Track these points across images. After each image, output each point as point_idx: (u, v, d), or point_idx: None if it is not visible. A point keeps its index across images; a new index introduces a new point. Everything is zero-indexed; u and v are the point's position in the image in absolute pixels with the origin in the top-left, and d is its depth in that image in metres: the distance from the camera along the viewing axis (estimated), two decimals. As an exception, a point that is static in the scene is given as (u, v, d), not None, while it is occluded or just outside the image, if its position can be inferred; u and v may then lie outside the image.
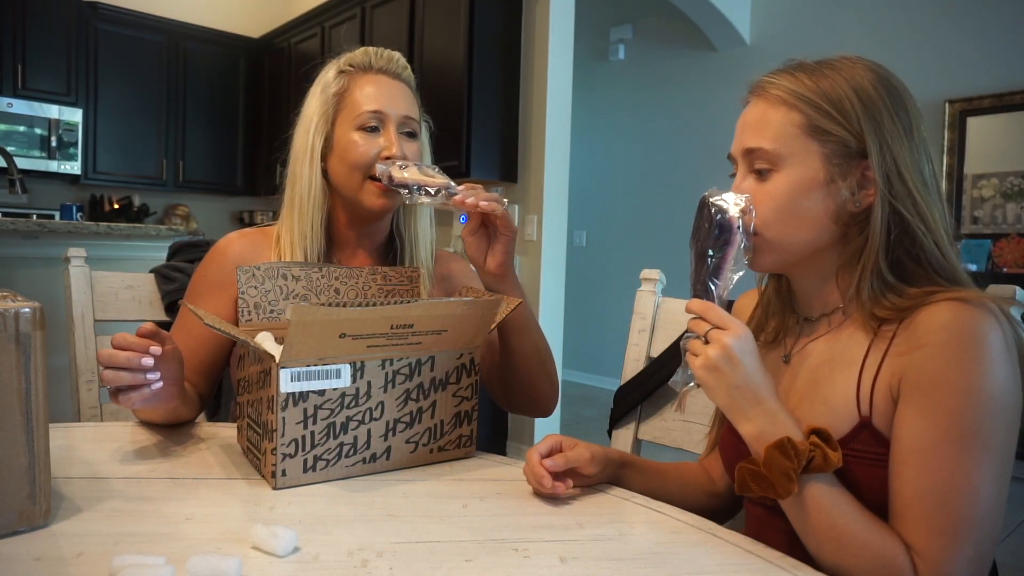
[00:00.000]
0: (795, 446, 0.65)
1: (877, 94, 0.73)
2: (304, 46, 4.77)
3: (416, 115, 1.12)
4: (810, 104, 0.73)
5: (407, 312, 0.79)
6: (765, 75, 0.79)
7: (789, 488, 0.65)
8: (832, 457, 0.65)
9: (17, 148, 4.29)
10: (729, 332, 0.69)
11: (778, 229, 0.75)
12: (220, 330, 0.81)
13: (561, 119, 3.37)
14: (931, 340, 0.66)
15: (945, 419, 0.64)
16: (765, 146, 0.75)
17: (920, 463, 0.65)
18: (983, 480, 0.63)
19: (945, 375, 0.64)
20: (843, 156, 0.73)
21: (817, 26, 4.25)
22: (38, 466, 0.64)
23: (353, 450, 0.82)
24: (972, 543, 0.63)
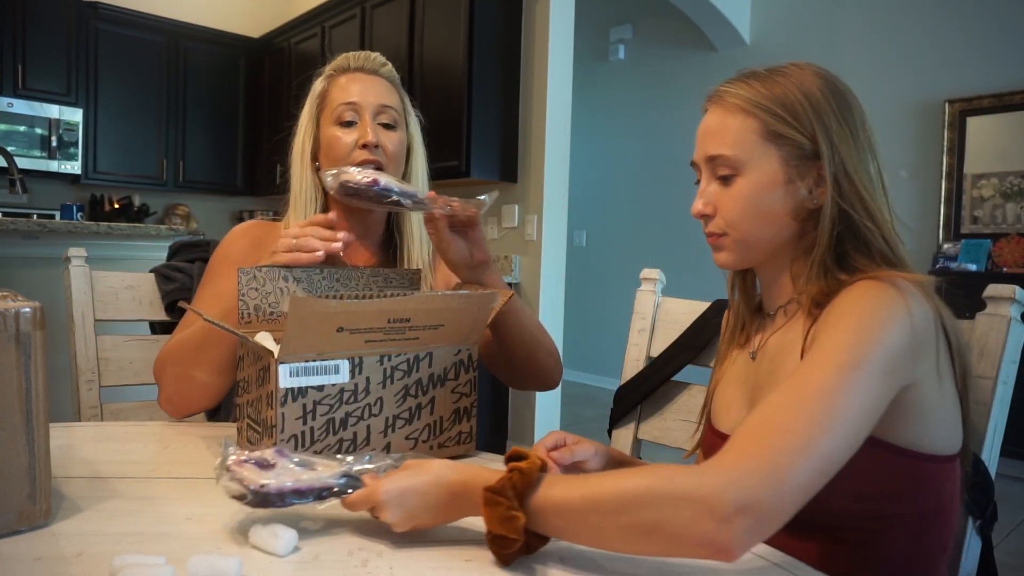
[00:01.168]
0: (494, 488, 0.62)
1: (824, 98, 0.77)
2: (304, 46, 4.77)
3: (394, 104, 1.14)
4: (765, 110, 0.77)
5: (404, 305, 0.79)
6: (721, 84, 0.82)
7: (516, 526, 0.60)
8: (526, 467, 0.62)
9: (17, 148, 4.29)
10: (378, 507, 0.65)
11: (744, 228, 0.80)
12: (220, 326, 0.81)
13: (561, 119, 3.37)
14: (836, 309, 0.70)
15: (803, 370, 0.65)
16: (726, 152, 0.79)
17: (765, 401, 0.64)
18: (802, 426, 0.60)
19: (830, 334, 0.67)
20: (799, 158, 0.77)
21: (817, 26, 4.25)
22: (38, 466, 0.64)
23: (353, 446, 0.82)
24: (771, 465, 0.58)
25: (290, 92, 4.91)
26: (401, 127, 1.15)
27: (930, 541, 0.76)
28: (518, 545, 0.61)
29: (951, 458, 0.74)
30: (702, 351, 1.13)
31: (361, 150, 1.09)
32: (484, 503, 0.62)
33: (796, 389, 0.64)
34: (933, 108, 3.81)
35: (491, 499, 0.61)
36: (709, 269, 3.93)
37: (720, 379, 0.92)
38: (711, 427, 0.90)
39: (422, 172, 1.21)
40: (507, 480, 0.62)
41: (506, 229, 3.55)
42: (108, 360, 1.28)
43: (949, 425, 0.74)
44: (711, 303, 1.16)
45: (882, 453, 0.71)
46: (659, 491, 0.58)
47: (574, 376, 5.44)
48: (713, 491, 0.56)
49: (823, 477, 0.60)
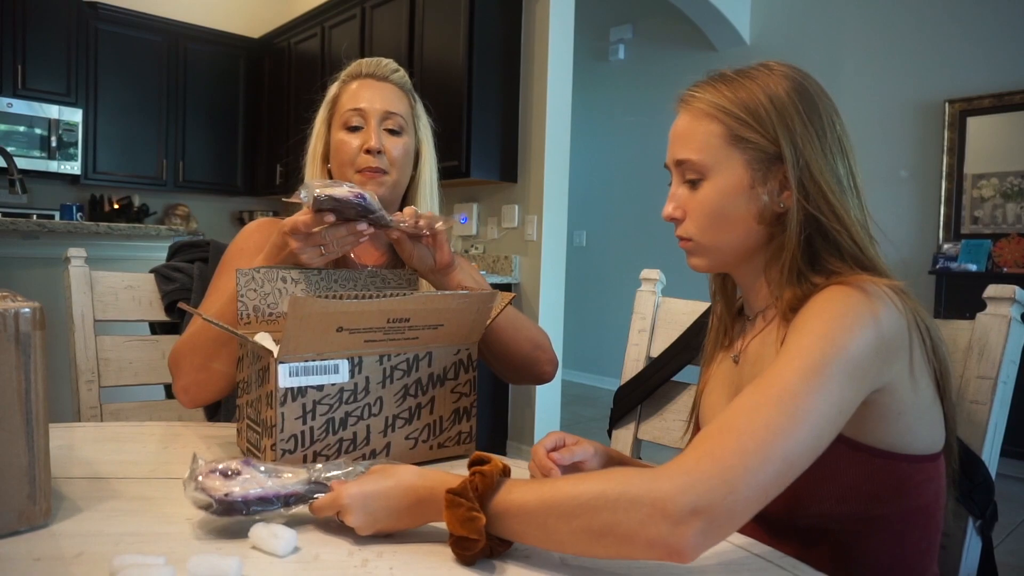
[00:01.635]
0: (455, 490, 0.62)
1: (790, 100, 0.77)
2: (304, 46, 4.77)
3: (401, 111, 1.16)
4: (729, 115, 0.77)
5: (403, 305, 0.79)
6: (689, 87, 0.83)
7: (476, 527, 0.60)
8: (488, 470, 0.63)
9: (17, 148, 4.28)
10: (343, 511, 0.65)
11: (710, 234, 0.80)
12: (220, 326, 0.81)
13: (561, 119, 3.37)
14: (801, 320, 0.70)
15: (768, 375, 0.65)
16: (692, 157, 0.79)
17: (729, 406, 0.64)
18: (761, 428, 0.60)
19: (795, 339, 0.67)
20: (763, 162, 0.77)
21: (817, 26, 4.25)
22: (38, 466, 0.64)
23: (353, 446, 0.82)
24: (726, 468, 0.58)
25: (290, 92, 4.92)
26: (408, 133, 1.16)
27: (915, 540, 0.75)
28: (480, 546, 0.61)
29: (932, 457, 0.74)
30: (702, 351, 1.13)
31: (365, 155, 1.11)
32: (446, 505, 0.62)
33: (757, 393, 0.64)
34: (933, 108, 3.81)
35: (452, 501, 0.62)
36: (709, 269, 3.78)
37: (707, 381, 0.92)
38: (699, 429, 0.90)
39: (430, 178, 1.21)
40: (468, 483, 0.62)
41: (506, 229, 3.55)
42: (108, 360, 1.28)
43: (928, 425, 0.74)
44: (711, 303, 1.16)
45: (861, 455, 0.71)
46: (613, 494, 0.58)
47: (574, 376, 5.44)
48: (666, 494, 0.57)
49: (781, 479, 0.60)
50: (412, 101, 1.20)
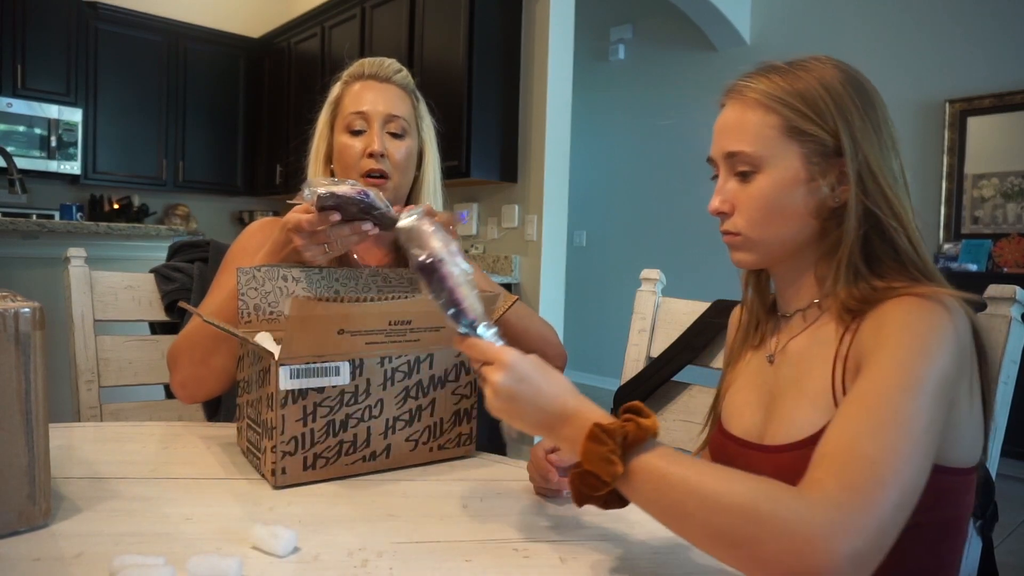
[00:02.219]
0: (606, 429, 0.60)
1: (847, 93, 0.75)
2: (304, 46, 4.77)
3: (403, 113, 1.16)
4: (786, 105, 0.75)
5: (405, 308, 0.79)
6: (739, 78, 0.80)
7: (612, 471, 0.59)
8: (646, 424, 0.60)
9: (17, 148, 4.28)
10: (495, 367, 0.66)
11: (761, 228, 0.78)
12: (220, 327, 0.81)
13: (561, 119, 3.37)
14: (887, 326, 0.68)
15: (874, 391, 0.63)
16: (746, 149, 0.76)
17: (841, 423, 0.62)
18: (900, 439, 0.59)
19: (891, 350, 0.65)
20: (821, 155, 0.75)
21: (817, 26, 4.25)
22: (38, 466, 0.64)
23: (353, 448, 0.82)
24: (880, 491, 0.56)
25: (290, 92, 4.92)
26: (411, 135, 1.17)
27: (943, 551, 0.74)
28: (603, 492, 0.60)
29: (970, 470, 0.73)
30: (702, 351, 1.13)
31: (368, 159, 1.12)
32: (588, 436, 0.60)
33: (868, 412, 0.61)
34: (933, 108, 3.81)
35: (598, 436, 0.60)
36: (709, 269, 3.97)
37: (733, 381, 0.89)
38: (722, 429, 0.87)
39: (434, 178, 1.22)
40: (620, 426, 0.60)
41: (506, 229, 3.55)
42: (108, 360, 1.28)
43: (971, 437, 0.72)
44: (711, 303, 1.16)
45: None
46: (765, 511, 0.54)
47: (574, 376, 5.43)
48: (821, 531, 0.53)
49: (910, 508, 0.58)
50: (415, 101, 1.20)
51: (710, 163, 0.83)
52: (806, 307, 0.81)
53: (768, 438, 0.78)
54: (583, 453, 0.60)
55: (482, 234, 3.70)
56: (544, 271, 3.36)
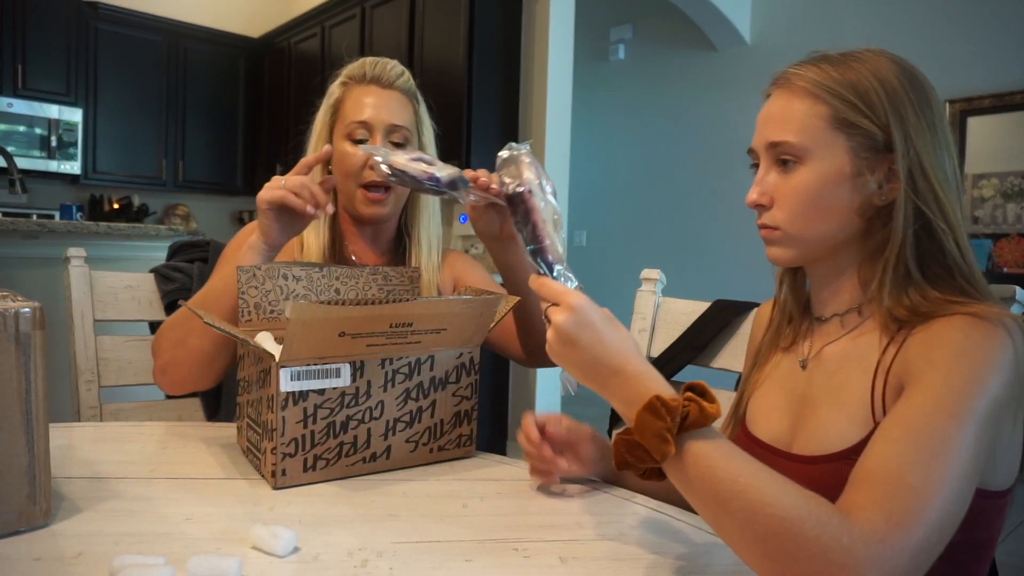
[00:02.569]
0: (666, 403, 0.58)
1: (902, 87, 0.71)
2: (304, 46, 4.77)
3: (406, 122, 1.14)
4: (836, 96, 0.72)
5: (406, 310, 0.79)
6: (789, 66, 0.77)
7: (664, 450, 0.57)
8: (709, 409, 0.58)
9: (17, 148, 4.28)
10: (560, 308, 0.65)
11: (801, 223, 0.74)
12: (220, 329, 0.81)
13: (561, 119, 3.37)
14: (941, 348, 0.64)
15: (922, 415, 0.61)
16: (790, 139, 0.73)
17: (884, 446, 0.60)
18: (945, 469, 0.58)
19: (943, 375, 0.63)
20: (870, 149, 0.72)
21: (817, 26, 4.25)
22: (38, 466, 0.64)
23: (353, 449, 0.82)
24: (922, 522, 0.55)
25: (290, 92, 4.92)
26: (413, 144, 1.15)
27: (974, 571, 0.73)
28: (646, 467, 0.58)
29: (1006, 492, 0.71)
30: (702, 351, 1.13)
31: (369, 171, 1.10)
32: (647, 407, 0.58)
33: (915, 440, 0.59)
34: (933, 108, 3.81)
35: (657, 409, 0.57)
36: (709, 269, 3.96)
37: (760, 384, 0.86)
38: (746, 431, 0.84)
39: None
40: (682, 404, 0.58)
41: (506, 229, 3.55)
42: (108, 360, 1.28)
43: (1011, 460, 0.70)
44: (711, 303, 1.16)
45: None
46: (809, 532, 0.53)
47: (574, 376, 5.43)
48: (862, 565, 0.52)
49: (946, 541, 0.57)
50: (416, 106, 1.18)
51: (750, 154, 0.80)
52: (845, 311, 0.77)
53: (797, 446, 0.76)
54: (637, 423, 0.59)
55: (482, 234, 3.70)
56: (544, 271, 3.36)
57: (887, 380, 0.69)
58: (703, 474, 0.57)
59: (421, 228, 1.21)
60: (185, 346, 1.01)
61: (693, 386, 0.60)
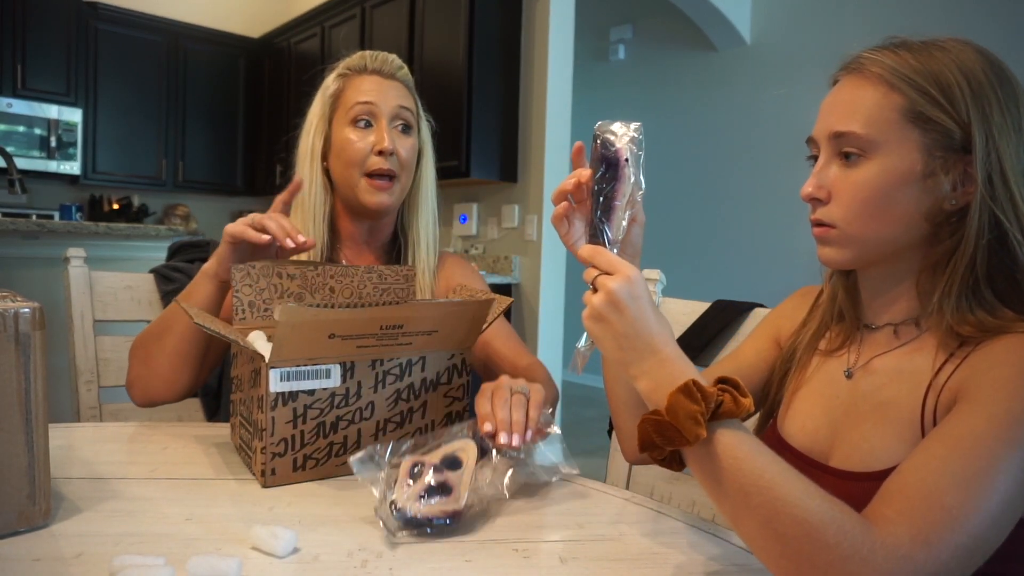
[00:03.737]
0: (701, 388, 0.56)
1: (988, 82, 0.65)
2: (304, 46, 4.77)
3: (410, 106, 1.13)
4: (914, 87, 0.65)
5: (396, 313, 0.79)
6: (864, 51, 0.70)
7: (696, 432, 0.55)
8: (743, 402, 0.57)
9: (16, 148, 4.29)
10: (615, 276, 0.62)
11: (861, 222, 0.68)
12: (211, 330, 0.81)
13: (561, 119, 3.37)
14: (1004, 367, 0.60)
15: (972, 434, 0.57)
16: (857, 130, 0.67)
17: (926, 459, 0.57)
18: (985, 494, 0.55)
19: (1002, 395, 0.58)
20: (945, 148, 0.65)
21: (818, 25, 4.25)
22: (38, 466, 0.64)
23: (343, 449, 0.82)
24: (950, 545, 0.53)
25: (290, 92, 4.92)
26: (415, 132, 1.14)
27: None
28: (672, 448, 0.57)
29: None
30: (702, 351, 1.13)
31: (376, 156, 1.08)
32: (682, 389, 0.57)
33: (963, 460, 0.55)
34: (933, 108, 3.82)
35: (692, 392, 0.56)
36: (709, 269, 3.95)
37: (799, 388, 0.80)
38: (777, 435, 0.80)
39: (431, 177, 1.20)
40: (716, 393, 0.56)
41: (506, 229, 3.55)
42: (107, 361, 1.28)
43: None
44: (711, 303, 1.15)
45: None
46: (830, 539, 0.52)
47: (574, 376, 5.44)
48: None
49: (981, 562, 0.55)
50: (416, 99, 1.17)
51: (809, 144, 0.73)
52: (900, 322, 0.72)
53: (836, 460, 0.72)
54: (670, 403, 0.57)
55: (482, 234, 3.70)
56: (544, 271, 3.36)
57: (940, 397, 0.65)
58: (728, 465, 0.56)
59: (420, 228, 1.19)
60: (149, 364, 1.00)
61: (726, 379, 0.59)
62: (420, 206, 1.19)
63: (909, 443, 0.65)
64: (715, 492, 0.58)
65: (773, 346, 0.87)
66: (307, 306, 0.74)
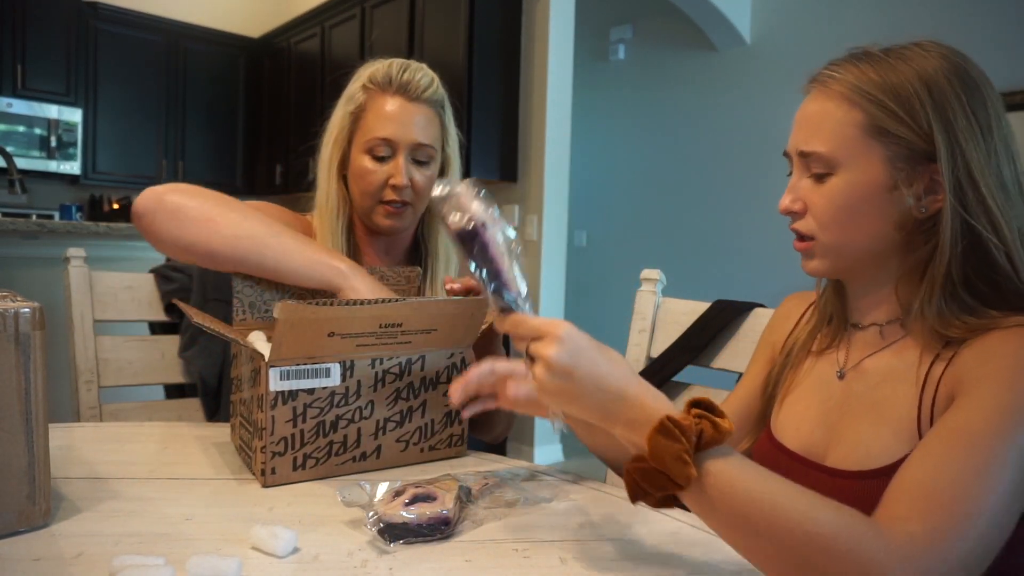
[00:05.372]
0: (678, 423, 0.54)
1: (951, 88, 0.66)
2: (304, 46, 4.77)
3: (431, 140, 1.10)
4: (874, 102, 0.67)
5: (395, 311, 0.79)
6: (827, 64, 0.72)
7: (686, 473, 0.54)
8: (722, 424, 0.55)
9: (17, 148, 4.29)
10: (545, 341, 0.59)
11: (834, 232, 0.70)
12: (211, 330, 0.81)
13: (561, 119, 3.37)
14: (995, 360, 0.61)
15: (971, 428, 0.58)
16: (820, 149, 0.69)
17: (929, 456, 0.58)
18: (989, 487, 0.55)
19: (996, 390, 0.59)
20: (908, 160, 0.67)
21: (818, 25, 4.25)
22: (38, 466, 0.64)
23: (343, 448, 0.82)
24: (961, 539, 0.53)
25: (291, 92, 4.92)
26: (436, 160, 1.11)
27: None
28: (665, 494, 0.55)
29: None
30: (702, 351, 1.13)
31: (390, 189, 1.08)
32: (658, 429, 0.54)
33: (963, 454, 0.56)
34: (933, 108, 3.82)
35: (670, 431, 0.53)
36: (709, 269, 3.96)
37: (792, 390, 0.81)
38: (773, 439, 0.80)
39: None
40: (695, 423, 0.54)
41: (506, 229, 3.55)
42: (107, 361, 1.28)
43: None
44: (711, 303, 1.16)
45: None
46: (843, 547, 0.51)
47: (574, 376, 5.44)
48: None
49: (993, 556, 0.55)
50: (443, 117, 1.13)
51: (786, 157, 0.75)
52: (886, 322, 0.74)
53: (832, 459, 0.72)
54: (652, 447, 0.55)
55: (482, 234, 3.70)
56: (544, 271, 3.37)
57: (936, 395, 0.66)
58: (725, 495, 0.54)
59: (440, 239, 1.19)
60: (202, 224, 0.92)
61: (699, 401, 0.57)
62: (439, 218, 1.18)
63: (906, 441, 0.66)
64: (717, 524, 0.56)
65: (772, 365, 0.87)
66: (306, 303, 0.74)
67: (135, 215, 0.95)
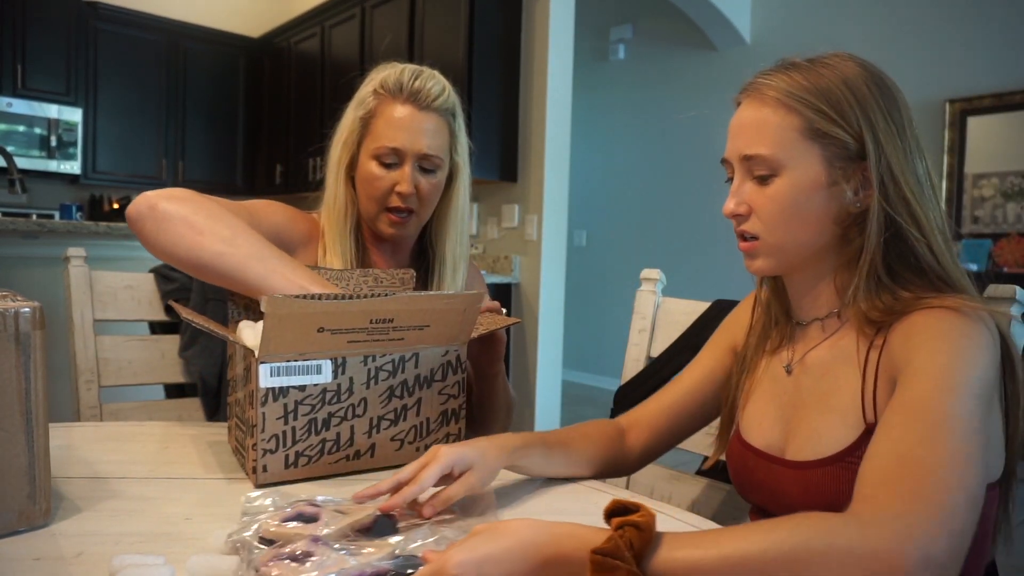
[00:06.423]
0: (606, 551, 0.51)
1: (871, 93, 0.72)
2: (304, 46, 4.77)
3: (439, 150, 1.09)
4: (808, 105, 0.72)
5: (385, 305, 0.78)
6: (758, 75, 0.77)
7: None
8: (642, 521, 0.53)
9: (17, 148, 4.29)
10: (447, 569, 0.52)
11: (779, 232, 0.75)
12: (202, 326, 0.81)
13: (561, 119, 3.37)
14: (921, 334, 0.66)
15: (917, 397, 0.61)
16: (763, 152, 0.73)
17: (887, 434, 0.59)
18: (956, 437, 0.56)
19: (929, 356, 0.63)
20: (844, 158, 0.72)
21: (817, 25, 4.25)
22: (38, 466, 0.64)
23: (336, 447, 0.81)
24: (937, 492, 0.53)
25: (291, 92, 4.91)
26: (443, 168, 1.11)
27: (970, 567, 0.71)
28: None
29: (995, 484, 0.71)
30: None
31: (395, 196, 1.08)
32: (594, 569, 0.51)
33: (916, 419, 0.58)
34: (933, 108, 3.81)
35: (605, 563, 0.51)
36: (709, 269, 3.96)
37: (752, 391, 0.85)
38: (741, 439, 0.84)
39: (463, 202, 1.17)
40: (620, 539, 0.52)
41: (506, 229, 3.55)
42: (107, 360, 1.28)
43: (998, 452, 0.70)
44: (711, 303, 1.16)
45: None
46: (818, 547, 0.50)
47: (574, 376, 5.44)
48: (889, 544, 0.49)
49: (978, 511, 0.54)
50: (453, 125, 1.12)
51: (724, 164, 0.79)
52: (825, 316, 0.78)
53: (791, 452, 0.76)
54: None
55: (482, 234, 3.70)
56: (544, 271, 3.36)
57: (877, 379, 0.70)
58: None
59: (447, 244, 1.17)
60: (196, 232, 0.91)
61: (614, 509, 0.55)
62: (450, 223, 1.17)
63: (853, 425, 0.70)
64: None
65: (729, 353, 0.92)
66: (294, 297, 0.73)
67: (128, 219, 0.95)
